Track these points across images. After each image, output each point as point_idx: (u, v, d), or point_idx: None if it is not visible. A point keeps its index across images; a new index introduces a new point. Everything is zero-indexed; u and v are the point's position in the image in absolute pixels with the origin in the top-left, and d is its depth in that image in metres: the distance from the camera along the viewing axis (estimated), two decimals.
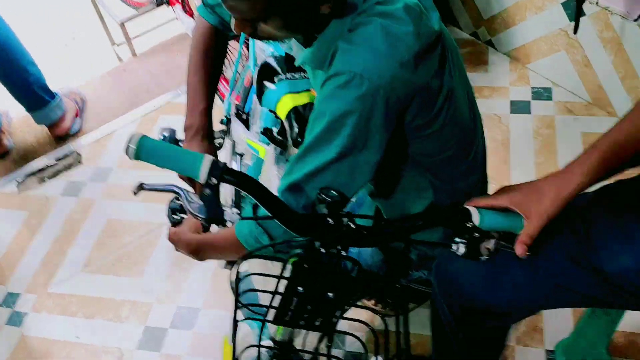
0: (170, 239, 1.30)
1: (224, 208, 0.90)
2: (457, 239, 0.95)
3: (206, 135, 1.36)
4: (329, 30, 1.02)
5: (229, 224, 1.15)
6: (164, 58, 3.24)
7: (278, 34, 1.03)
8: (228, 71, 2.16)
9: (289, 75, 1.43)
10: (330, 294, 0.94)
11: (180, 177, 1.35)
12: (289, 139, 1.35)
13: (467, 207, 0.94)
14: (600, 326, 1.43)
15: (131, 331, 1.93)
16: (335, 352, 1.13)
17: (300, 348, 1.11)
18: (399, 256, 1.39)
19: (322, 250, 0.90)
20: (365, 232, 0.91)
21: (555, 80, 2.46)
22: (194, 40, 1.37)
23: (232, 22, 1.02)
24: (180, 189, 0.92)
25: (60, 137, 2.69)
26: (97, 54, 3.43)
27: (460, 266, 1.13)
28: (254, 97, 1.94)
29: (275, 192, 0.94)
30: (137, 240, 2.20)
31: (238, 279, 0.94)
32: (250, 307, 0.97)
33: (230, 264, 1.49)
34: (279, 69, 1.48)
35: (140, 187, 0.93)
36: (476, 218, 0.92)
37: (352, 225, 0.91)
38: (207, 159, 0.86)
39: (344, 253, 0.90)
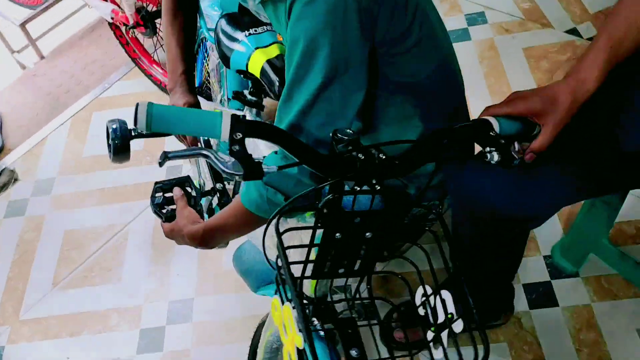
0: (169, 236, 1.24)
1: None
2: (487, 149, 0.93)
3: (189, 90, 1.34)
4: None
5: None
6: (77, 54, 3.01)
7: None
8: None
9: (251, 30, 1.35)
10: (368, 234, 0.90)
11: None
12: (272, 94, 1.27)
13: (486, 117, 0.93)
14: (601, 218, 1.48)
15: (126, 338, 1.81)
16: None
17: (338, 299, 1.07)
18: (398, 194, 1.37)
19: (357, 188, 0.85)
20: (396, 161, 0.87)
21: (486, 3, 2.50)
22: (163, 5, 1.34)
23: None
24: (208, 150, 0.83)
25: None
26: None
27: (482, 179, 1.12)
28: (203, 67, 1.84)
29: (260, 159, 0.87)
30: (103, 246, 2.05)
31: (280, 233, 0.87)
32: (285, 263, 0.90)
33: (226, 242, 1.41)
34: (234, 28, 1.38)
35: (165, 156, 0.83)
36: (496, 126, 0.91)
37: (382, 156, 0.87)
38: (226, 114, 0.78)
39: (377, 187, 0.86)
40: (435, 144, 0.90)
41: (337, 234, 0.88)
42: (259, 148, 1.39)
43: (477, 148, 0.97)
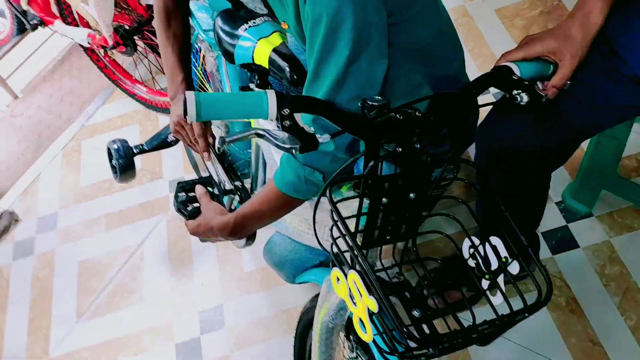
0: (195, 232, 1.22)
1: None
2: (514, 92, 0.96)
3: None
4: None
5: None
6: (51, 88, 2.97)
7: None
8: None
9: (250, 23, 1.35)
10: (412, 195, 0.93)
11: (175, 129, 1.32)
12: (285, 80, 1.28)
13: (505, 64, 0.96)
14: (609, 153, 1.53)
15: (163, 356, 1.80)
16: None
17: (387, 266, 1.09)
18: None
19: (399, 150, 0.88)
20: (431, 117, 0.90)
21: None
22: (156, 7, 1.32)
23: None
24: (261, 129, 0.84)
25: None
26: None
27: (508, 124, 1.16)
28: (197, 71, 1.84)
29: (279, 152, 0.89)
30: (121, 269, 2.03)
31: (334, 203, 0.88)
32: (346, 231, 0.92)
33: (251, 239, 1.42)
34: (232, 24, 1.39)
35: (223, 141, 0.85)
36: (517, 70, 0.94)
37: (418, 114, 0.89)
38: (271, 93, 0.80)
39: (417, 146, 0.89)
40: (466, 94, 0.93)
41: (384, 199, 0.90)
42: (273, 156, 1.39)
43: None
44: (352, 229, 0.94)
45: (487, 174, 1.29)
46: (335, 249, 0.90)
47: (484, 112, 1.14)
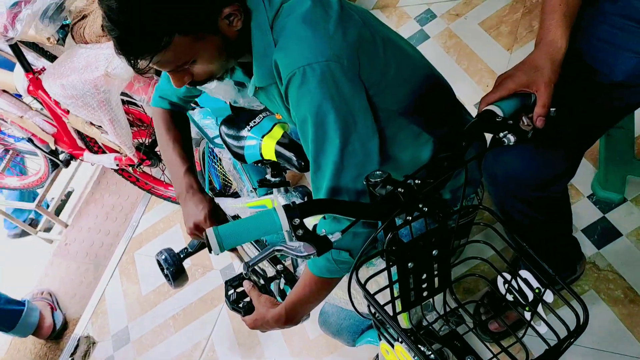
0: (254, 327, 1.31)
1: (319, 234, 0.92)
2: (500, 134, 1.02)
3: (198, 189, 1.36)
4: (256, 46, 1.06)
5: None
6: (95, 209, 3.16)
7: (213, 67, 1.07)
8: None
9: (251, 124, 1.47)
10: (435, 252, 0.99)
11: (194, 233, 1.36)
12: (294, 168, 1.38)
13: (486, 108, 1.02)
14: (621, 141, 1.55)
15: None
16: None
17: (431, 321, 1.14)
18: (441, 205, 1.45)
19: (409, 218, 0.94)
20: (431, 180, 0.96)
21: (426, 0, 2.64)
22: (156, 127, 1.45)
23: (172, 80, 1.08)
24: (279, 244, 0.93)
25: (50, 338, 2.58)
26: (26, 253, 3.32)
27: (504, 159, 1.22)
28: (217, 171, 1.97)
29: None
30: None
31: (363, 284, 0.94)
32: (378, 309, 0.97)
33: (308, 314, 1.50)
34: (236, 128, 1.51)
35: (248, 266, 0.94)
36: (499, 111, 1.00)
37: (417, 181, 0.96)
38: (279, 208, 0.87)
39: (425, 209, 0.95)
40: (456, 149, 0.99)
41: (410, 264, 0.97)
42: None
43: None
44: (390, 296, 1.01)
45: (502, 215, 1.33)
46: (376, 323, 0.97)
47: None
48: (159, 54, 0.99)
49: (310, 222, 0.95)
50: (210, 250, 0.86)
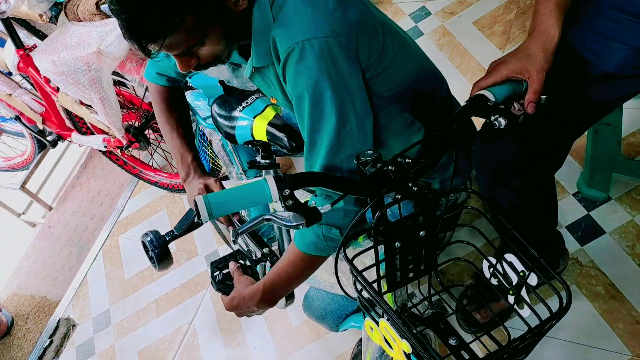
0: (230, 307, 1.27)
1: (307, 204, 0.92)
2: (492, 117, 1.03)
3: (202, 173, 1.43)
4: (256, 25, 1.06)
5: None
6: (80, 193, 3.14)
7: (219, 49, 1.06)
8: None
9: (243, 104, 1.47)
10: (422, 233, 1.00)
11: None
12: (285, 149, 1.38)
13: (478, 93, 1.03)
14: (608, 139, 1.57)
15: None
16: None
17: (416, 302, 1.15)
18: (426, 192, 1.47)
19: (398, 197, 0.94)
20: (422, 160, 0.97)
21: None
22: (154, 104, 1.45)
23: (178, 64, 1.06)
24: (268, 213, 0.93)
25: (4, 336, 2.61)
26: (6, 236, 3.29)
27: (496, 147, 1.23)
28: (206, 154, 1.96)
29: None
30: (179, 349, 2.13)
31: (350, 260, 0.95)
32: (365, 285, 0.98)
33: (291, 299, 1.50)
34: (228, 108, 1.50)
35: (237, 233, 0.94)
36: (491, 96, 1.01)
37: (408, 160, 0.96)
38: (269, 178, 0.87)
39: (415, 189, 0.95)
40: (448, 131, 0.99)
41: (397, 243, 0.97)
42: None
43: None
44: (376, 275, 1.01)
45: (489, 201, 1.34)
46: (362, 301, 0.98)
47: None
48: (171, 36, 0.97)
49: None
50: (198, 217, 0.86)
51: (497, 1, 2.50)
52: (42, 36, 2.35)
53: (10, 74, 2.35)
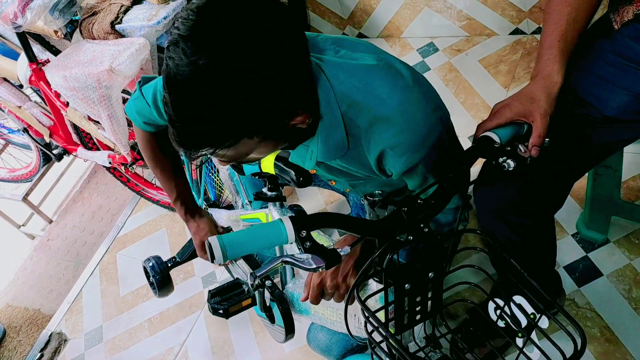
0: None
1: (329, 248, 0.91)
2: (500, 159, 1.04)
3: (195, 210, 1.57)
4: (325, 124, 1.04)
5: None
6: (81, 208, 3.15)
7: (264, 155, 1.04)
8: None
9: None
10: (431, 274, 0.99)
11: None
12: (292, 183, 1.38)
13: (484, 134, 1.04)
14: (608, 182, 1.58)
15: None
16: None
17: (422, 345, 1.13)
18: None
19: (410, 238, 0.93)
20: (432, 202, 0.96)
21: (430, 34, 2.70)
22: (141, 146, 1.47)
23: (216, 162, 1.07)
24: (286, 256, 0.91)
25: None
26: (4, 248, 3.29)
27: (499, 190, 1.24)
28: (213, 182, 1.97)
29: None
30: None
31: (363, 302, 0.93)
32: (380, 326, 0.96)
33: (291, 333, 1.50)
34: None
35: (255, 277, 0.93)
36: (496, 137, 1.02)
37: (419, 201, 0.96)
38: (286, 219, 0.85)
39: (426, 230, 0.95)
40: (458, 173, 0.99)
41: (407, 285, 0.96)
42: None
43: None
44: (384, 318, 1.00)
45: (493, 240, 1.35)
46: (372, 342, 0.96)
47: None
48: (219, 150, 0.91)
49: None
50: (212, 259, 0.83)
51: (503, 41, 2.54)
52: (55, 52, 2.39)
53: (21, 86, 2.39)
